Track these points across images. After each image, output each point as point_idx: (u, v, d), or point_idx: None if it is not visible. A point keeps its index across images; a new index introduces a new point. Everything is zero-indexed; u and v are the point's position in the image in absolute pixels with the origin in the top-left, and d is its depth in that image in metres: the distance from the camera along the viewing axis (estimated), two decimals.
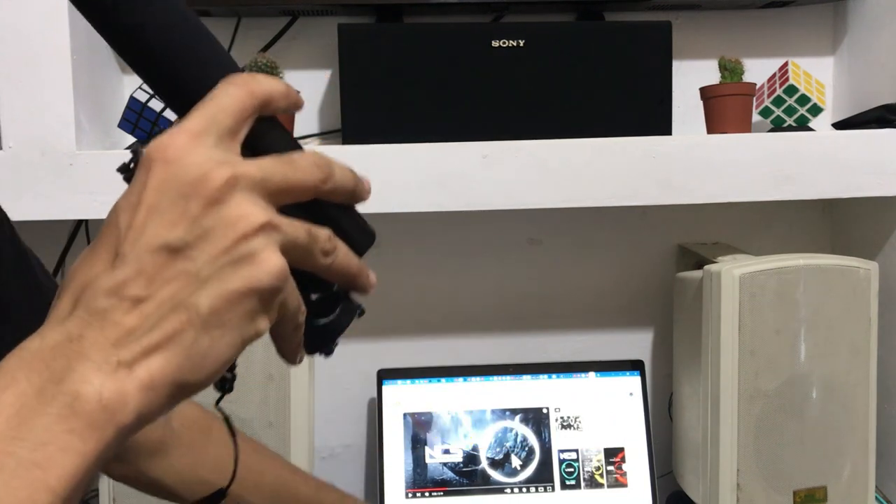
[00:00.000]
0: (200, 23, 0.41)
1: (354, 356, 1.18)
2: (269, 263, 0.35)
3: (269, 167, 0.37)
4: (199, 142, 0.36)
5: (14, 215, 0.60)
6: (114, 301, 0.34)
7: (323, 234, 0.38)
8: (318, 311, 0.42)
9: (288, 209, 0.38)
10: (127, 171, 0.38)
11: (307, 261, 0.38)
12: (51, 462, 0.32)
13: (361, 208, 0.43)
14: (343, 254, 0.40)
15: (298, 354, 0.41)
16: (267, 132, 0.40)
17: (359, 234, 0.42)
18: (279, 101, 0.39)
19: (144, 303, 0.34)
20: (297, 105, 0.41)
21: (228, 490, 0.60)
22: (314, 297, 0.42)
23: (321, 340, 0.44)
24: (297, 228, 0.37)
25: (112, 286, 0.34)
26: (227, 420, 0.49)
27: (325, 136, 1.16)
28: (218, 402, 0.44)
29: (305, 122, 1.16)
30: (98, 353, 0.34)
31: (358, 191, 0.40)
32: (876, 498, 1.06)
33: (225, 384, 0.42)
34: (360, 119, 1.01)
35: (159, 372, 0.34)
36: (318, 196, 0.39)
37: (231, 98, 0.37)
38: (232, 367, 0.41)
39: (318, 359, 1.21)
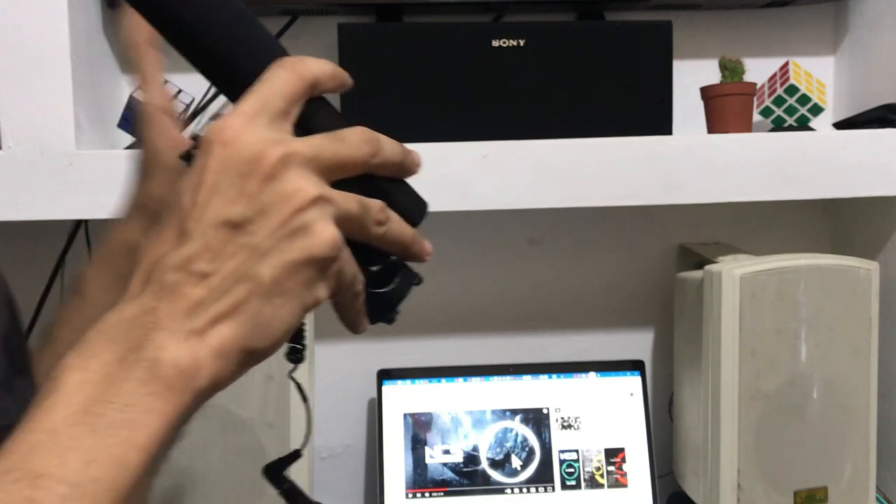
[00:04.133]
0: (247, 10, 0.43)
1: (354, 356, 1.18)
2: (324, 234, 0.38)
3: (319, 144, 0.39)
4: (254, 123, 0.38)
5: (14, 215, 0.60)
6: (182, 275, 0.37)
7: (375, 205, 0.41)
8: (377, 282, 0.44)
9: (342, 184, 0.40)
10: (188, 159, 0.40)
11: (361, 231, 0.40)
12: (137, 422, 0.35)
13: None
14: (396, 224, 0.42)
15: (360, 322, 0.43)
16: (317, 111, 0.42)
17: (411, 205, 0.45)
18: (327, 83, 0.42)
19: (211, 276, 0.37)
20: (344, 85, 0.43)
21: None
22: (374, 268, 0.44)
23: (382, 309, 0.45)
24: (349, 200, 0.39)
25: (179, 262, 0.37)
26: (299, 388, 0.53)
27: None
28: (291, 372, 0.48)
29: None
30: (171, 323, 0.36)
31: (407, 164, 0.43)
32: (877, 498, 1.06)
33: (297, 354, 0.45)
34: (360, 119, 1.01)
35: (228, 339, 0.37)
36: (369, 170, 0.41)
37: (281, 81, 0.39)
38: (301, 339, 0.45)
39: (319, 359, 1.21)
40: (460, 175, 0.97)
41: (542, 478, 1.10)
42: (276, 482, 0.61)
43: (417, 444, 1.10)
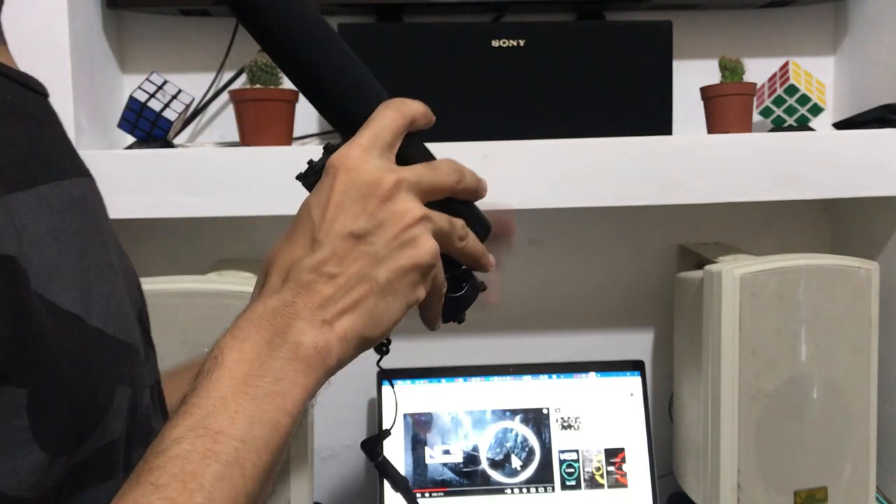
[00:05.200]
0: (356, 56, 0.51)
1: None
2: (428, 245, 0.47)
3: (421, 172, 0.49)
4: (369, 154, 0.47)
5: None
6: (315, 276, 0.46)
7: (459, 223, 0.50)
8: (451, 288, 0.53)
9: (429, 205, 0.49)
10: (305, 180, 0.49)
11: (448, 244, 0.50)
12: (286, 392, 0.43)
13: None
14: (473, 239, 0.52)
15: (437, 320, 0.53)
16: (411, 144, 0.51)
17: (479, 225, 0.54)
18: (420, 121, 0.51)
19: (338, 277, 0.46)
20: (431, 122, 0.52)
21: None
22: (447, 276, 0.52)
23: (455, 310, 0.54)
24: (442, 219, 0.49)
25: (313, 265, 0.46)
26: (386, 373, 0.64)
27: (325, 135, 1.16)
28: (379, 361, 0.57)
29: (306, 122, 1.15)
30: (308, 314, 0.45)
31: (479, 190, 0.53)
32: (877, 498, 1.06)
33: (383, 348, 0.53)
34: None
35: (351, 328, 0.46)
36: (453, 194, 0.51)
37: (389, 119, 0.49)
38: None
39: None
40: None
41: (542, 478, 1.10)
42: (371, 455, 0.75)
43: (417, 444, 1.09)
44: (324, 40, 0.50)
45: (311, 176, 0.49)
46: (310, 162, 0.49)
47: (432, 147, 1.08)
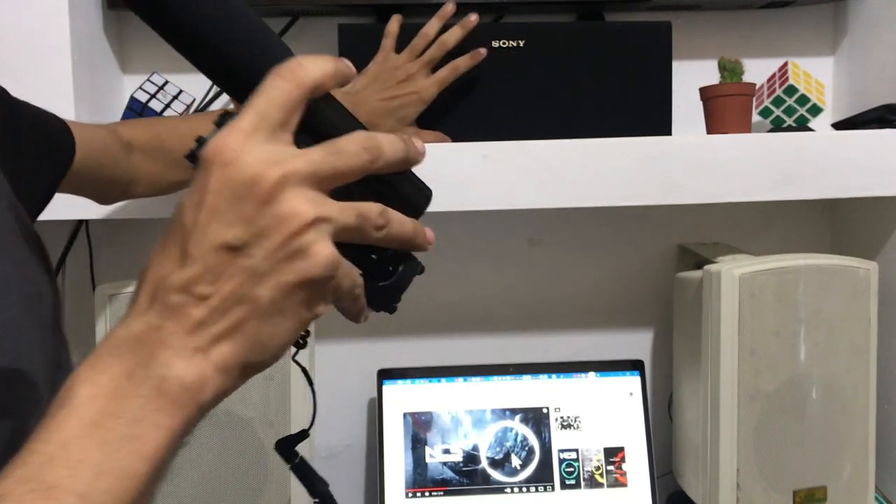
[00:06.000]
0: (252, 12, 0.42)
1: (354, 356, 1.18)
2: (320, 256, 0.38)
3: (317, 160, 0.39)
4: (252, 140, 0.38)
5: None
6: (185, 297, 0.38)
7: (373, 211, 0.41)
8: (378, 275, 0.45)
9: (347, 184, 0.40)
10: (195, 162, 0.39)
11: (362, 238, 0.41)
12: (145, 436, 0.36)
13: None
14: (396, 224, 0.42)
15: (360, 316, 0.44)
16: (321, 111, 0.41)
17: (415, 195, 0.46)
18: (327, 83, 0.41)
19: (211, 297, 0.38)
20: (347, 77, 0.42)
21: None
22: (374, 256, 0.45)
23: (384, 301, 0.47)
24: (346, 214, 0.39)
25: (182, 284, 0.38)
26: (304, 371, 0.58)
27: None
28: (294, 355, 0.50)
29: None
30: (176, 341, 0.38)
31: (410, 158, 0.43)
32: (876, 498, 1.06)
33: (300, 340, 0.46)
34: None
35: (229, 356, 0.39)
36: (371, 174, 0.41)
37: (278, 91, 0.39)
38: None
39: (319, 359, 1.21)
40: (460, 175, 0.97)
41: (542, 477, 1.10)
42: (286, 456, 0.66)
43: (417, 443, 1.10)
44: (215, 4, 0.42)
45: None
46: (198, 139, 0.40)
47: (432, 148, 1.08)
